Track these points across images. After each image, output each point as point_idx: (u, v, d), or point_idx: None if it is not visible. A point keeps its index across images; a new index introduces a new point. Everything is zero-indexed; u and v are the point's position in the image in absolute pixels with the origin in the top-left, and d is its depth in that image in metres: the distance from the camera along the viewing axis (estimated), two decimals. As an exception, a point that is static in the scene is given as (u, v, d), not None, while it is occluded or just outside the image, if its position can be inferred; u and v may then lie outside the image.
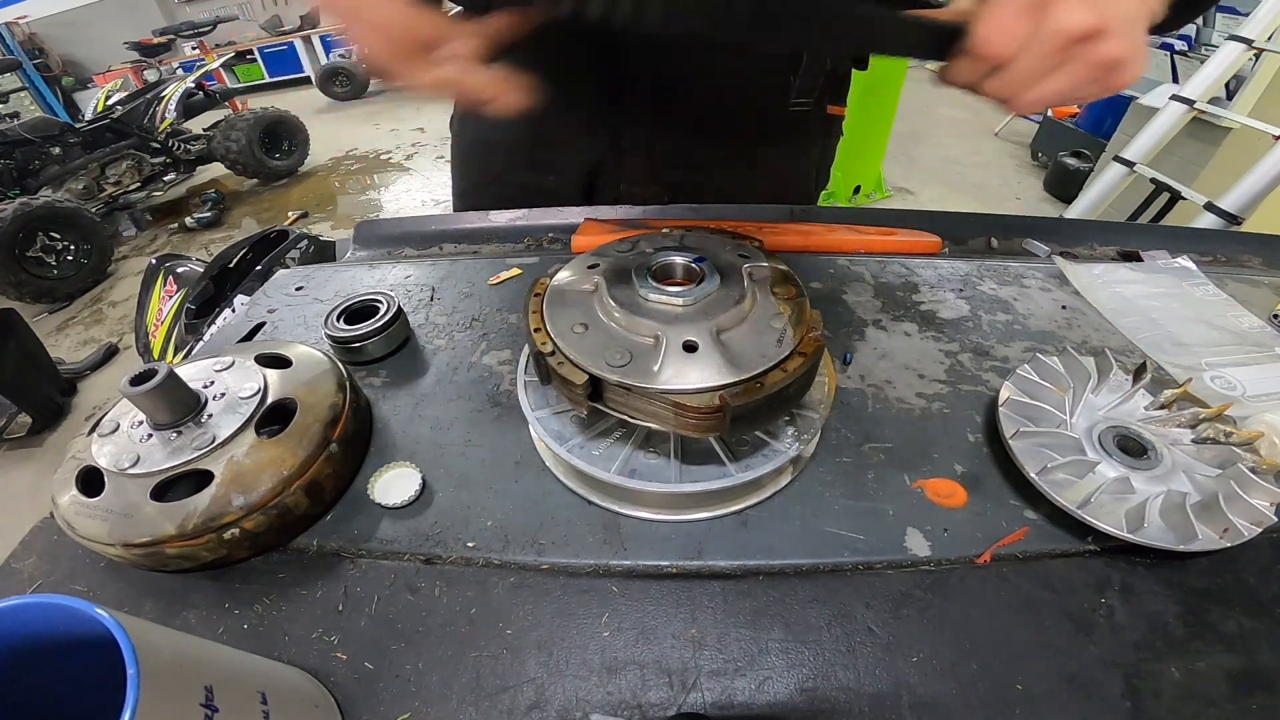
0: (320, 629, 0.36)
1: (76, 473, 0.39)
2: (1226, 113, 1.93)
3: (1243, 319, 0.57)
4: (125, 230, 3.69)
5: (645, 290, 0.38)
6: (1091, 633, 0.34)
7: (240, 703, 0.25)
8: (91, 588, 0.39)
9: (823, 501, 0.41)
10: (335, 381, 0.45)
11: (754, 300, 0.38)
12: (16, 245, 2.80)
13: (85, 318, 2.95)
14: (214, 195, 3.81)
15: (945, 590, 0.36)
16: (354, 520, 0.41)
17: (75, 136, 3.40)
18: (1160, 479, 0.39)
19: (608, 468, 0.38)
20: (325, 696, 0.32)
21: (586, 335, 0.37)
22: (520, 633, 0.35)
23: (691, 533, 0.39)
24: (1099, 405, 0.45)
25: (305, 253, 1.80)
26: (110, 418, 0.42)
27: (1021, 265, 0.66)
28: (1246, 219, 1.53)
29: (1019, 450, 0.41)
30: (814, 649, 0.34)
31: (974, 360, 0.52)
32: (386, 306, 0.54)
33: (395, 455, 0.45)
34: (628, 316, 0.37)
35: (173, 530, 0.36)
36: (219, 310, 1.52)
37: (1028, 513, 0.40)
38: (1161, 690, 0.31)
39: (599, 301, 0.38)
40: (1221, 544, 0.35)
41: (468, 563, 0.38)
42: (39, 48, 5.24)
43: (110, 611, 0.21)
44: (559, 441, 0.40)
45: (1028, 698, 0.31)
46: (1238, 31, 1.72)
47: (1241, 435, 0.40)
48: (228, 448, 0.39)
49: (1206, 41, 2.84)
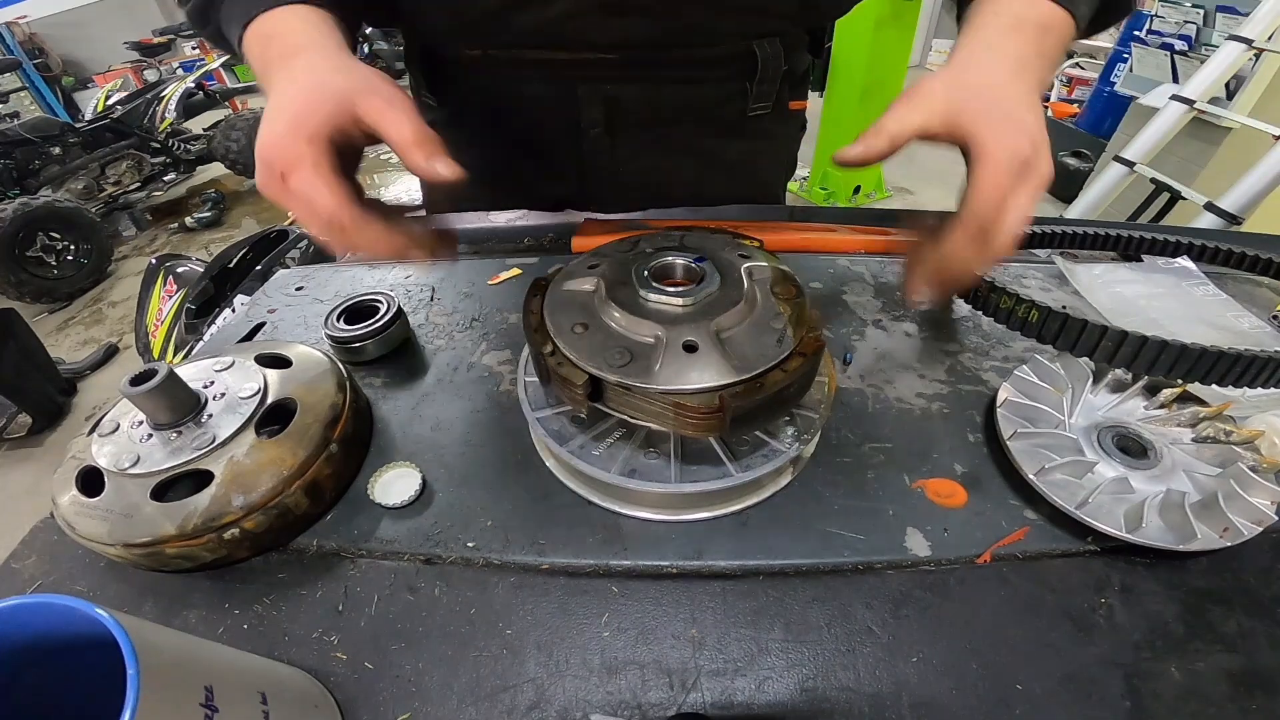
0: (320, 629, 0.36)
1: (76, 473, 0.39)
2: (1226, 113, 1.93)
3: (1243, 319, 0.57)
4: (125, 230, 3.69)
5: (645, 291, 0.38)
6: (1091, 633, 0.34)
7: (240, 703, 0.25)
8: (91, 588, 0.39)
9: (823, 501, 0.41)
10: (335, 381, 0.45)
11: (754, 301, 0.38)
12: (16, 245, 2.80)
13: (85, 318, 2.95)
14: (214, 195, 3.80)
15: (945, 590, 0.36)
16: (354, 520, 0.41)
17: (75, 136, 3.39)
18: (1160, 479, 0.39)
19: (608, 468, 0.38)
20: (325, 696, 0.32)
21: (586, 335, 0.37)
22: (520, 633, 0.35)
23: (691, 533, 0.39)
24: (1098, 405, 0.45)
25: (305, 253, 1.80)
26: (110, 418, 0.42)
27: (1021, 265, 0.66)
28: (1246, 219, 1.53)
29: (1017, 451, 0.41)
30: (814, 649, 0.34)
31: (974, 360, 0.52)
32: (386, 306, 0.54)
33: (395, 455, 0.45)
34: (627, 317, 0.37)
35: (173, 530, 0.36)
36: (219, 310, 1.52)
37: (1027, 513, 0.40)
38: (1161, 690, 0.31)
39: (599, 301, 0.38)
40: (1221, 543, 0.35)
41: (468, 563, 0.38)
42: (39, 48, 5.23)
43: (110, 611, 0.21)
44: (559, 442, 0.40)
45: (1028, 697, 0.31)
46: (1238, 31, 1.72)
47: (1241, 434, 0.40)
48: (228, 448, 0.39)
49: (1206, 41, 2.83)
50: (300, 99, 0.36)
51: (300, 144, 0.34)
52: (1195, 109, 1.78)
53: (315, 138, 0.35)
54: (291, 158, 0.34)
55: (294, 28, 0.41)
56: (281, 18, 0.42)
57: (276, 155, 0.35)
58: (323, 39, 0.41)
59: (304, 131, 0.35)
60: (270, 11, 0.42)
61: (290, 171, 0.34)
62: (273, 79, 0.39)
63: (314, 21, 0.42)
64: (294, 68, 0.39)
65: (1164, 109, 1.83)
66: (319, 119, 0.35)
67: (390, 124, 0.36)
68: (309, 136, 0.35)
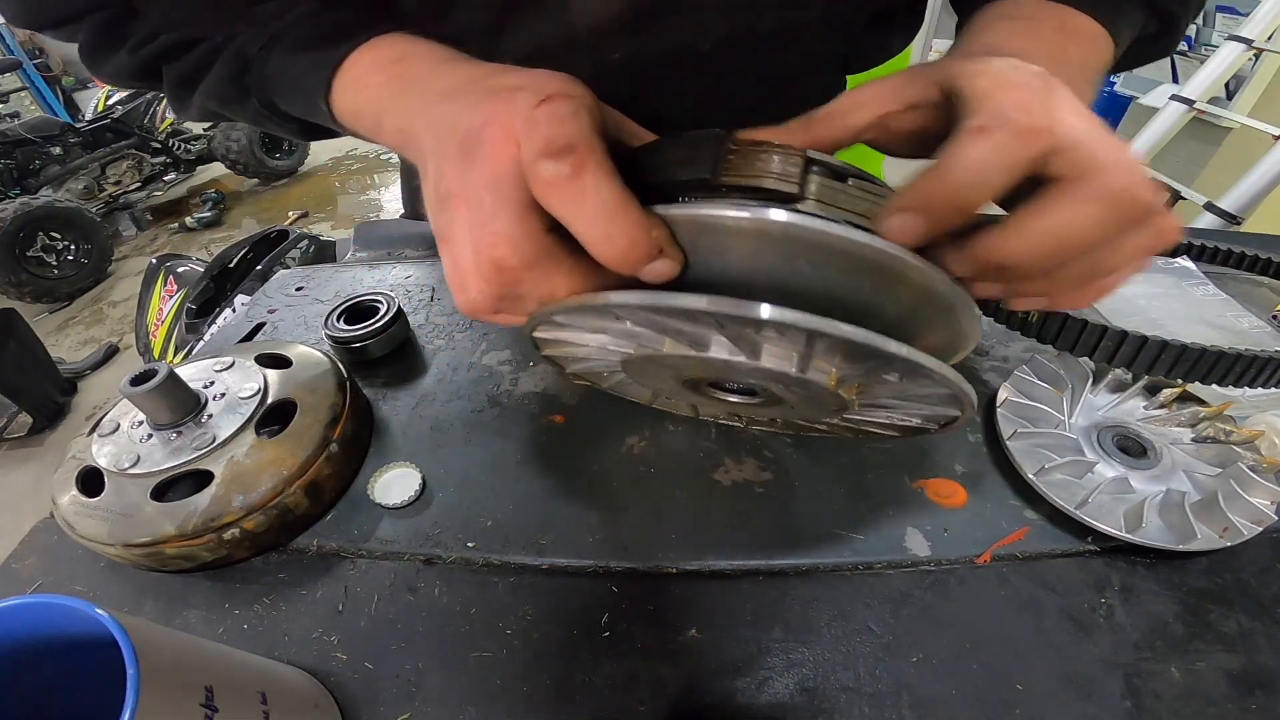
0: (320, 629, 0.36)
1: (76, 473, 0.39)
2: (1226, 113, 1.93)
3: (1243, 319, 0.57)
4: (125, 230, 3.69)
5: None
6: (1091, 632, 0.34)
7: (240, 703, 0.25)
8: (91, 588, 0.39)
9: (823, 501, 0.41)
10: (335, 381, 0.45)
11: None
12: (17, 245, 2.80)
13: (85, 317, 2.95)
14: (214, 195, 3.81)
15: (945, 590, 0.36)
16: (354, 520, 0.41)
17: (75, 136, 3.39)
18: (1159, 478, 0.39)
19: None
20: (325, 696, 0.32)
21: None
22: (520, 633, 0.35)
23: (691, 533, 0.39)
24: (1098, 405, 0.45)
25: (305, 253, 1.81)
26: (110, 418, 0.42)
27: (1021, 265, 0.66)
28: (1246, 219, 1.53)
29: (1017, 451, 0.41)
30: (814, 649, 0.34)
31: (974, 360, 0.52)
32: (387, 307, 0.54)
33: (395, 455, 0.45)
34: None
35: (173, 530, 0.36)
36: (219, 310, 1.52)
37: (1027, 513, 0.40)
38: (1161, 690, 0.31)
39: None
40: (1221, 543, 0.35)
41: (468, 563, 0.38)
42: (39, 48, 5.23)
43: (110, 611, 0.21)
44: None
45: (1028, 697, 0.31)
46: (1238, 31, 1.72)
47: (1242, 434, 0.40)
48: (228, 448, 0.39)
49: (1206, 41, 2.83)
50: (554, 77, 0.24)
51: (585, 127, 0.22)
52: (1195, 109, 1.78)
53: (597, 129, 0.23)
54: (578, 140, 0.22)
55: (424, 45, 0.31)
56: (392, 42, 0.31)
57: (553, 133, 0.21)
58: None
59: (586, 109, 0.23)
60: (368, 44, 0.31)
61: (579, 162, 0.21)
62: (450, 77, 0.27)
63: (433, 42, 0.31)
64: (487, 64, 0.28)
65: (1164, 109, 1.83)
66: (596, 108, 0.24)
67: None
68: (593, 123, 0.23)
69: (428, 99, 0.27)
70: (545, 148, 0.21)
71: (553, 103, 0.22)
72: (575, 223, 0.22)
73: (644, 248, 0.22)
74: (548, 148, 0.21)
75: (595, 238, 0.22)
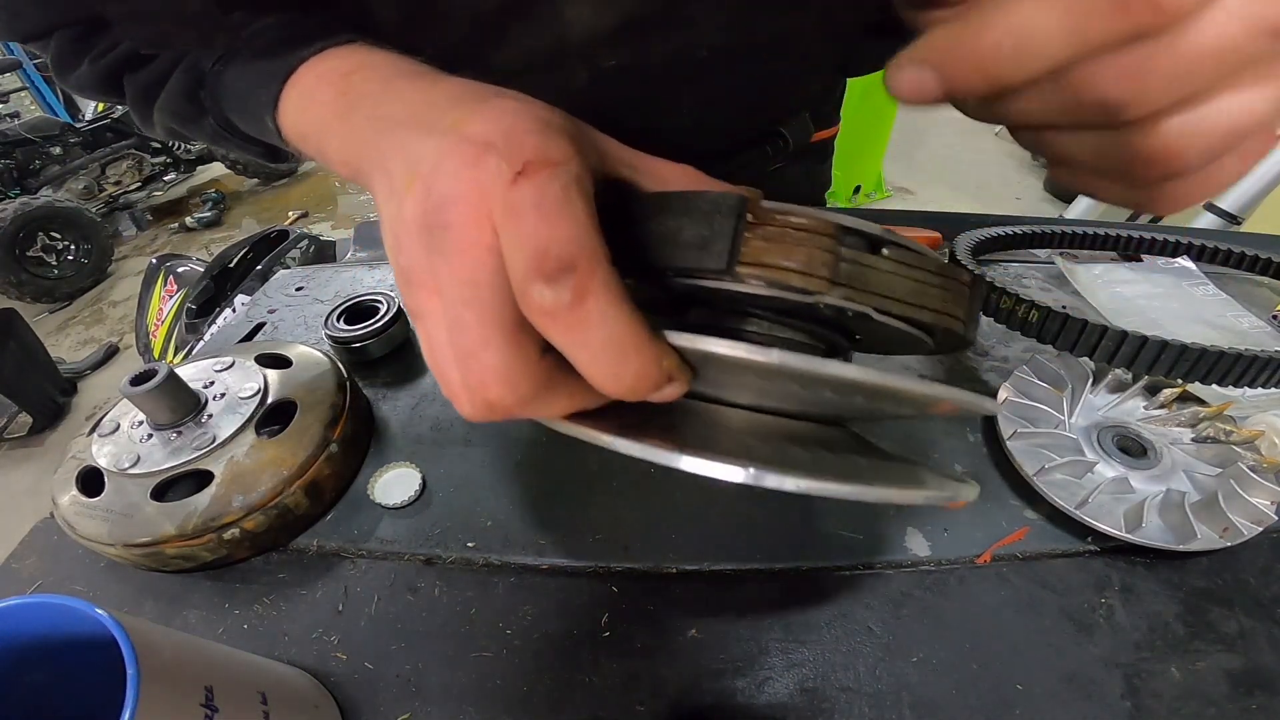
0: (320, 629, 0.36)
1: (76, 473, 0.39)
2: (1227, 112, 1.92)
3: (1243, 319, 0.57)
4: (125, 230, 3.69)
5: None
6: (1091, 632, 0.34)
7: (240, 703, 0.25)
8: (91, 588, 0.39)
9: (823, 501, 0.41)
10: (335, 381, 0.45)
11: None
12: (17, 245, 2.80)
13: (85, 317, 2.95)
14: (214, 195, 3.80)
15: (945, 590, 0.36)
16: (354, 520, 0.41)
17: (76, 136, 3.39)
18: (1159, 478, 0.39)
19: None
20: (325, 696, 0.32)
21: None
22: (520, 633, 0.35)
23: (691, 533, 0.39)
24: (1098, 405, 0.45)
25: (305, 253, 1.81)
26: (110, 418, 0.42)
27: (1021, 265, 0.66)
28: (1246, 219, 1.53)
29: (1017, 451, 0.41)
30: (814, 649, 0.34)
31: (974, 360, 0.52)
32: (387, 307, 0.54)
33: (395, 455, 0.45)
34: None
35: (173, 530, 0.36)
36: (219, 310, 1.53)
37: (1027, 513, 0.40)
38: (1161, 690, 0.31)
39: None
40: (1221, 543, 0.35)
41: (468, 563, 0.38)
42: (39, 48, 5.24)
43: (110, 611, 0.21)
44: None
45: (1028, 697, 0.31)
46: (1238, 31, 1.71)
47: (1242, 434, 0.40)
48: (228, 448, 0.39)
49: (1207, 41, 2.83)
50: (539, 109, 0.20)
51: (581, 220, 0.18)
52: (1195, 109, 1.78)
53: (591, 206, 0.19)
54: (578, 250, 0.18)
55: (380, 56, 0.26)
56: (347, 54, 0.27)
57: (544, 238, 0.17)
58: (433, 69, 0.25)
59: (575, 181, 0.19)
60: (320, 55, 0.27)
61: (582, 287, 0.17)
62: (403, 99, 0.23)
63: (394, 54, 0.26)
64: (450, 83, 0.23)
65: (1164, 109, 1.83)
66: (584, 171, 0.19)
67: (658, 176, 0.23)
68: (586, 204, 0.19)
69: (376, 125, 0.23)
70: (538, 265, 0.17)
71: (534, 177, 0.18)
72: (577, 356, 0.19)
73: (654, 380, 0.19)
74: (540, 265, 0.17)
75: (601, 376, 0.19)
